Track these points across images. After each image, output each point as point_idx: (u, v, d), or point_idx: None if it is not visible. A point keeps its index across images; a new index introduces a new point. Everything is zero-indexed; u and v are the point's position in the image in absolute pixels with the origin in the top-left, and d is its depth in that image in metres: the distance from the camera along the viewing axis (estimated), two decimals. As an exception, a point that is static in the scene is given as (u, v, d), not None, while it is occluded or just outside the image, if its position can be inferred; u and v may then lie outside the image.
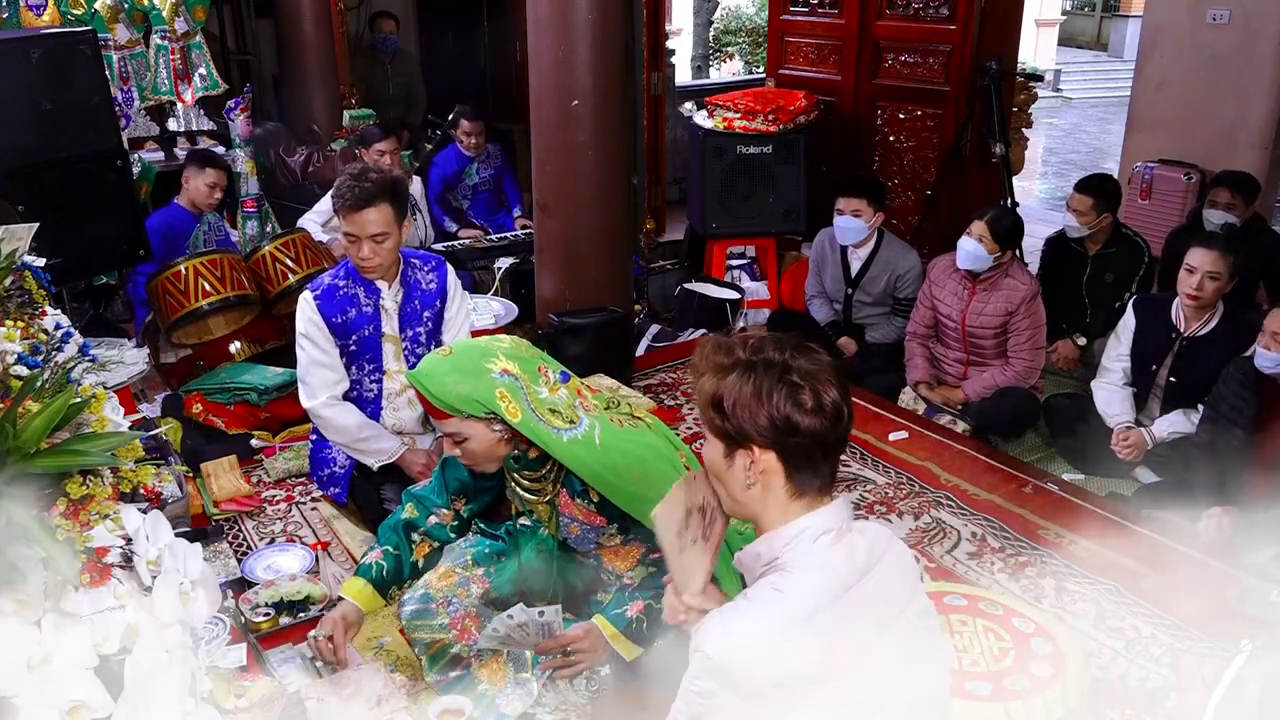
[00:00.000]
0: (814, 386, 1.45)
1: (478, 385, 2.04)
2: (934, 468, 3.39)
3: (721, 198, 5.07)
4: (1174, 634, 2.50)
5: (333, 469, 3.08)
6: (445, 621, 2.26)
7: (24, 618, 1.17)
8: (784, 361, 1.47)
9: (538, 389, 2.09)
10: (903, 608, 1.50)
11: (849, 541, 1.49)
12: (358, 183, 2.78)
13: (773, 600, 1.42)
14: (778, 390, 1.44)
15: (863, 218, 4.25)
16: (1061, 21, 17.99)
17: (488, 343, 2.16)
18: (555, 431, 2.06)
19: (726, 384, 1.47)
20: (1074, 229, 4.21)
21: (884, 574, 1.49)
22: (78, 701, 1.17)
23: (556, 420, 2.07)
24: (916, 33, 5.30)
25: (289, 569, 2.78)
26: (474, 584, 2.31)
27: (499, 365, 2.07)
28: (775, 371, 1.46)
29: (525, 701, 2.22)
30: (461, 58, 7.84)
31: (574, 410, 2.10)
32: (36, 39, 3.75)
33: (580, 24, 3.67)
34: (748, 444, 1.47)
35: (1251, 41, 4.95)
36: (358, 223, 2.77)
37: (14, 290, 1.72)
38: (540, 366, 2.13)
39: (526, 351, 2.16)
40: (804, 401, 1.44)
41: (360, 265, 2.86)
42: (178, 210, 4.45)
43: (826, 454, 1.49)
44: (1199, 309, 3.40)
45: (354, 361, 2.97)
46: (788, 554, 1.47)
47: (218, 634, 2.21)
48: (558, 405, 2.09)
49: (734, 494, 1.53)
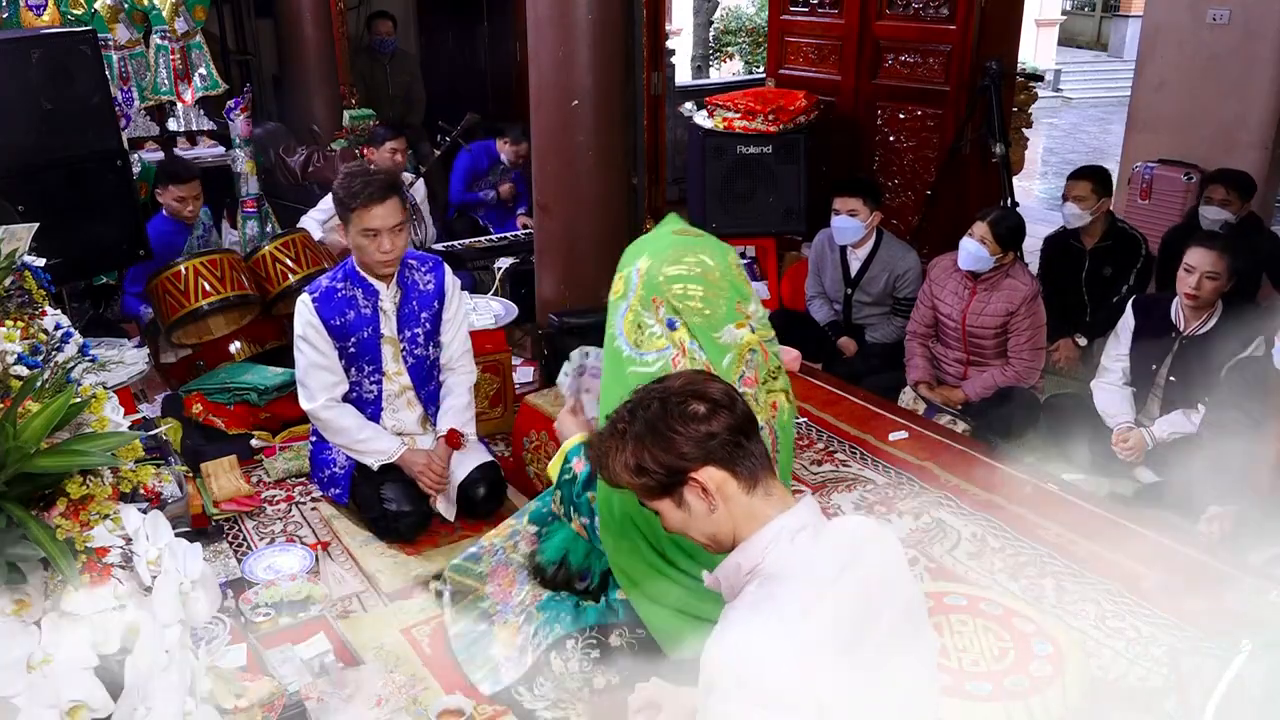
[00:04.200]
0: (694, 391, 1.52)
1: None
2: (934, 468, 3.39)
3: (721, 198, 5.07)
4: (1174, 634, 2.49)
5: (333, 470, 3.08)
6: (485, 570, 2.29)
7: (24, 618, 1.17)
8: (656, 397, 1.54)
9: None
10: (889, 598, 1.50)
11: (826, 536, 1.51)
12: (369, 177, 2.82)
13: (767, 606, 1.42)
14: (672, 417, 1.50)
15: (859, 217, 4.25)
16: (1061, 21, 17.98)
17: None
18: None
19: (630, 451, 1.53)
20: (1076, 217, 4.24)
21: (866, 566, 1.49)
22: (78, 701, 1.17)
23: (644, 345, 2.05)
24: (916, 33, 5.30)
25: (289, 569, 2.77)
26: (523, 541, 2.32)
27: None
28: (658, 407, 1.52)
29: (515, 674, 2.23)
30: (461, 58, 7.84)
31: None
32: (36, 39, 3.75)
33: (580, 24, 3.67)
34: (684, 477, 1.51)
35: (1251, 41, 4.95)
36: (379, 215, 2.79)
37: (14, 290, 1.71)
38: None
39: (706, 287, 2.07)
40: (697, 410, 1.50)
41: (380, 261, 2.86)
42: (165, 221, 4.42)
43: (748, 434, 1.54)
44: (1197, 308, 3.40)
45: (353, 364, 2.97)
46: (769, 558, 1.48)
47: (218, 634, 2.21)
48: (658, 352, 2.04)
49: (705, 529, 1.55)
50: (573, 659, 2.21)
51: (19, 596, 1.18)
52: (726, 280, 2.06)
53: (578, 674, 2.20)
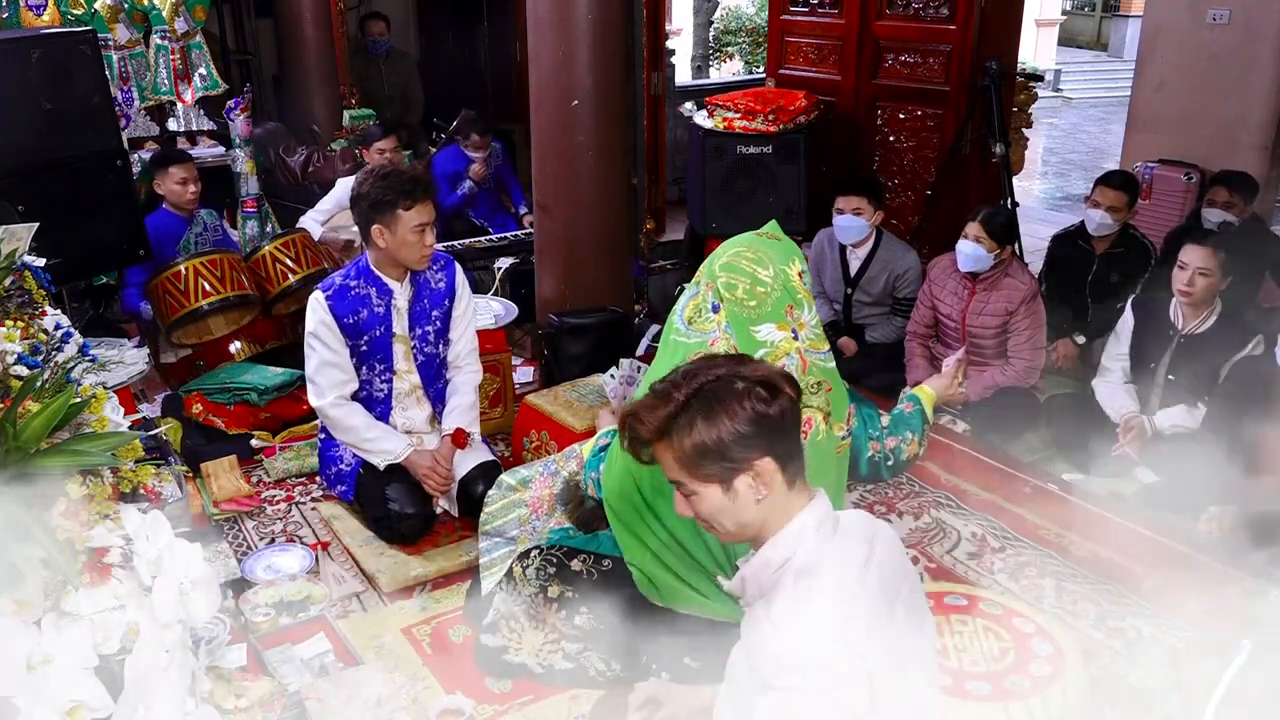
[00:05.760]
0: (759, 379, 1.51)
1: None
2: (934, 468, 3.39)
3: (721, 198, 5.06)
4: (1174, 634, 2.49)
5: (339, 467, 3.08)
6: (530, 475, 2.47)
7: (24, 618, 1.17)
8: (723, 375, 1.52)
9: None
10: (899, 582, 1.56)
11: (843, 530, 1.55)
12: (411, 175, 2.88)
13: (811, 597, 1.46)
14: (745, 401, 1.49)
15: (864, 216, 4.25)
16: (1061, 21, 17.98)
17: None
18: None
19: (696, 431, 1.49)
20: (1105, 226, 4.20)
21: (881, 554, 1.54)
22: (78, 701, 1.17)
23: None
24: (916, 33, 5.30)
25: (289, 569, 2.78)
26: (574, 461, 2.45)
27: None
28: (726, 386, 1.50)
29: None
30: (461, 58, 7.84)
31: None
32: (36, 39, 3.75)
33: (580, 24, 3.67)
34: (745, 465, 1.49)
35: (1251, 41, 4.95)
36: (425, 211, 2.85)
37: (14, 290, 1.72)
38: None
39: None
40: (764, 396, 1.50)
41: (424, 256, 2.91)
42: (165, 215, 4.42)
43: (795, 420, 1.55)
44: (1193, 306, 3.40)
45: (364, 362, 2.97)
46: (800, 551, 1.51)
47: (218, 634, 2.22)
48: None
49: (741, 518, 1.55)
50: (531, 567, 2.31)
51: (19, 596, 1.18)
52: (780, 283, 2.12)
53: (534, 581, 2.30)
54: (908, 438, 2.38)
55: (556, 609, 2.29)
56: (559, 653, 2.29)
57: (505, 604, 2.33)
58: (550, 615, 2.29)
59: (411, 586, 2.77)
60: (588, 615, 2.26)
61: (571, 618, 2.28)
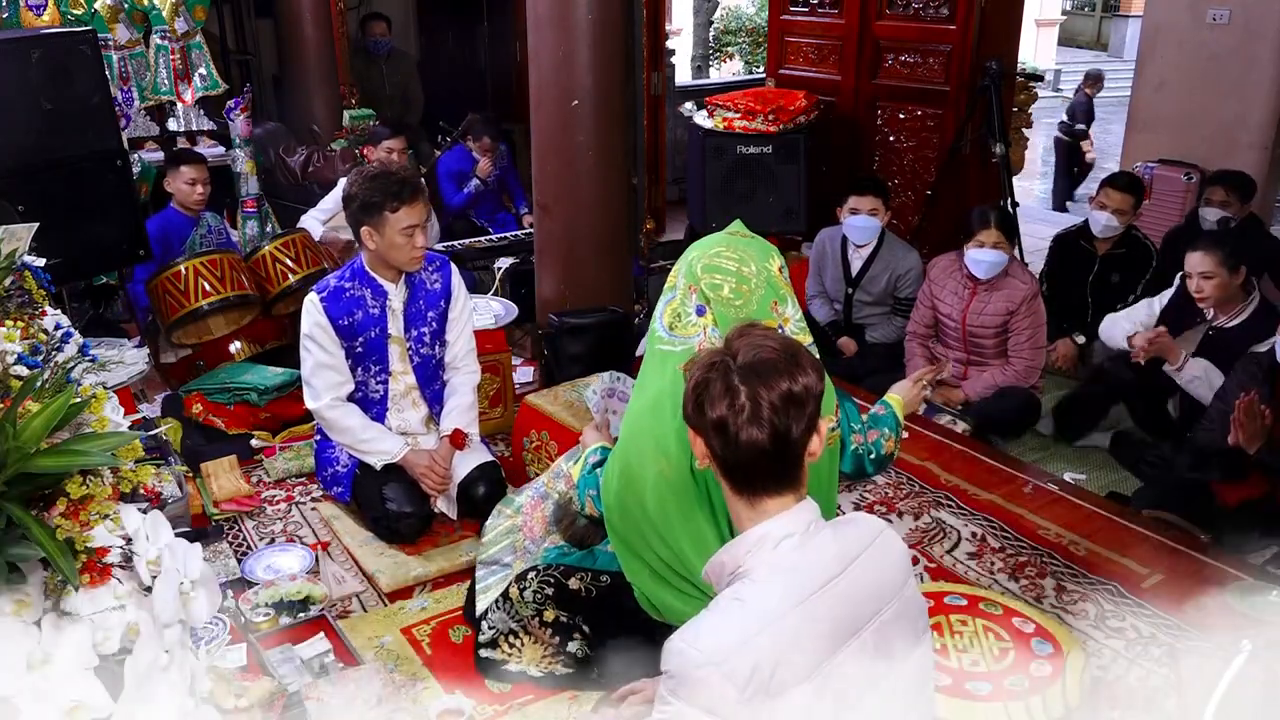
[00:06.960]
0: (752, 390, 1.44)
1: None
2: (934, 468, 3.39)
3: (721, 198, 5.06)
4: (1174, 634, 2.49)
5: (336, 468, 3.08)
6: (522, 502, 2.45)
7: (24, 618, 1.17)
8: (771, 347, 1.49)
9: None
10: (879, 607, 1.44)
11: (817, 543, 1.45)
12: (400, 176, 2.85)
13: (731, 609, 1.39)
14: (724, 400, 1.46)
15: (878, 216, 4.26)
16: (1061, 21, 18.00)
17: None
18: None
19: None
20: (1110, 228, 4.20)
21: (860, 573, 1.44)
22: (78, 701, 1.17)
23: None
24: (916, 33, 5.30)
25: (289, 569, 2.78)
26: (562, 481, 2.43)
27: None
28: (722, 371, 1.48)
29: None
30: (461, 58, 7.84)
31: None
32: (36, 39, 3.75)
33: (580, 24, 3.67)
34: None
35: (1251, 41, 4.95)
36: (418, 212, 2.83)
37: (14, 290, 1.71)
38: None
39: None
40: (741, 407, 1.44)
41: (415, 258, 2.90)
42: (173, 213, 4.44)
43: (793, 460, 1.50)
44: (1217, 305, 3.48)
45: (360, 363, 2.97)
46: (749, 561, 1.45)
47: (218, 634, 2.22)
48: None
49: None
50: (529, 589, 2.30)
51: (19, 596, 1.18)
52: (763, 279, 2.11)
53: (531, 604, 2.29)
54: (885, 434, 2.40)
55: (550, 634, 2.29)
56: (559, 661, 2.30)
57: (503, 623, 2.33)
58: (545, 639, 2.30)
59: (411, 586, 2.77)
60: (580, 643, 2.28)
61: (565, 644, 2.29)
